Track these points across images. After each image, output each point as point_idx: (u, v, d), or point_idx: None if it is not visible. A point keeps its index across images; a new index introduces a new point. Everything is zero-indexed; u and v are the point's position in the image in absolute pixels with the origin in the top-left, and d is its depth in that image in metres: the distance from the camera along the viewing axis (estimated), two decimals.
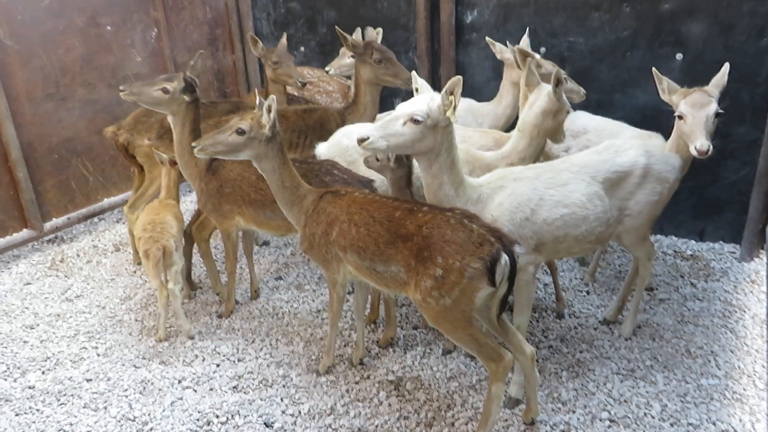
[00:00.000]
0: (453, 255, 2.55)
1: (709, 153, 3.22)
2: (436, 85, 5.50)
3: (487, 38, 4.52)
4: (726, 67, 3.40)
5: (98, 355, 3.74)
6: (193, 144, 3.06)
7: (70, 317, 4.14)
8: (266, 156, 3.01)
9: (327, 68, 5.16)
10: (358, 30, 5.07)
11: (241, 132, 2.95)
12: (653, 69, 3.50)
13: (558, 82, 3.29)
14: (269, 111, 2.93)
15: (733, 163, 4.48)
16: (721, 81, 3.39)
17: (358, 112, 4.43)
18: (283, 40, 4.90)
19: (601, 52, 4.68)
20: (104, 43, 5.37)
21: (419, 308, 2.78)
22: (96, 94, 5.39)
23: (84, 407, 3.29)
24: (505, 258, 2.56)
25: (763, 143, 4.19)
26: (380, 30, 4.93)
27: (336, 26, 4.48)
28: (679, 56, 4.40)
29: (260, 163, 3.06)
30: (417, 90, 3.21)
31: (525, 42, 4.37)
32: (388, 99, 5.45)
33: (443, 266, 2.56)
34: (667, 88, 3.46)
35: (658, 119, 4.58)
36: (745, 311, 3.91)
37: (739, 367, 3.43)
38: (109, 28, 5.37)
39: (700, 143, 3.23)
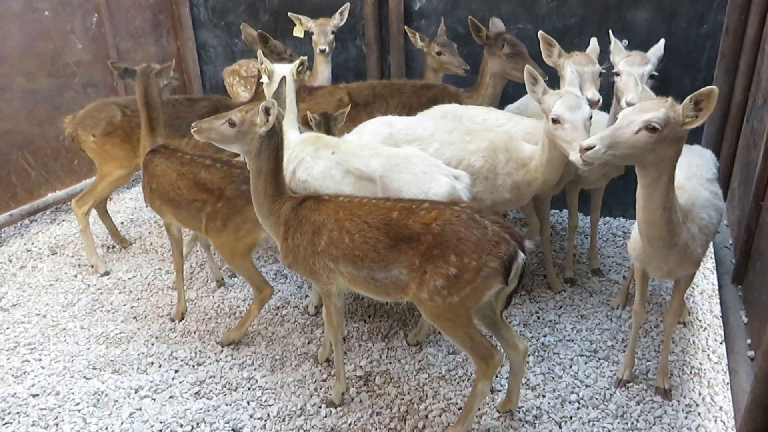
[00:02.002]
0: (469, 254, 2.47)
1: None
2: (385, 74, 5.45)
3: (540, 33, 3.77)
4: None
5: (42, 367, 3.48)
6: (193, 125, 2.90)
7: (8, 328, 3.84)
8: (256, 156, 2.82)
9: (321, 47, 4.85)
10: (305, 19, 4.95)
11: (232, 124, 2.80)
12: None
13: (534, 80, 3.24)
14: (266, 113, 2.73)
15: None
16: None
17: (477, 101, 4.32)
18: (442, 25, 4.75)
19: None
20: (43, 30, 5.02)
21: (419, 306, 2.69)
22: (36, 83, 5.04)
23: (32, 425, 3.05)
24: (522, 256, 2.52)
25: (704, 126, 4.36)
26: (347, 5, 4.87)
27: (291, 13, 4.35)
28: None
29: (248, 161, 2.89)
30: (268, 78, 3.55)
31: (593, 48, 3.90)
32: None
33: (458, 265, 2.48)
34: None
35: (607, 103, 4.70)
36: (693, 288, 4.07)
37: (694, 342, 3.56)
38: (47, 13, 5.02)
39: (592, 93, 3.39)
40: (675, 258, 2.77)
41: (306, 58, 3.75)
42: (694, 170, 3.17)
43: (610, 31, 3.59)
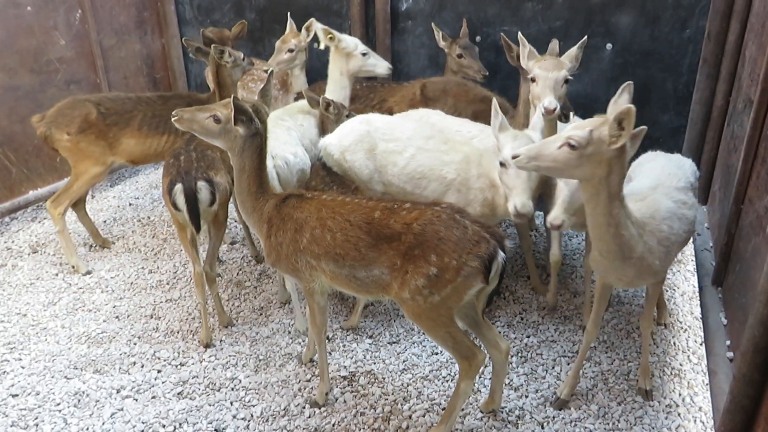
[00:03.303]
0: (449, 253, 2.48)
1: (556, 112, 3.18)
2: None
3: (519, 35, 3.65)
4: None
5: (22, 367, 3.44)
6: (174, 112, 2.86)
7: None
8: (239, 153, 2.83)
9: (265, 67, 4.83)
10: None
11: (217, 120, 2.79)
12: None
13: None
14: (244, 115, 2.74)
15: (658, 150, 4.69)
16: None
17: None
18: (465, 27, 4.73)
19: (535, 42, 4.68)
20: (25, 25, 4.96)
21: (401, 305, 2.70)
22: (17, 79, 4.97)
23: (12, 426, 3.01)
24: (502, 255, 2.54)
25: (686, 130, 4.42)
26: (312, 21, 4.78)
27: (285, 15, 4.32)
28: (609, 46, 4.56)
29: (231, 157, 2.88)
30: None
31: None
32: None
33: (438, 265, 2.49)
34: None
35: (591, 108, 4.74)
36: (674, 290, 4.12)
37: (675, 343, 3.61)
38: (29, 8, 4.96)
39: (548, 101, 3.22)
40: (632, 270, 2.74)
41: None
42: (663, 179, 3.14)
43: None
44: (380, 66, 4.34)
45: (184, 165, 3.52)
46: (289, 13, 4.94)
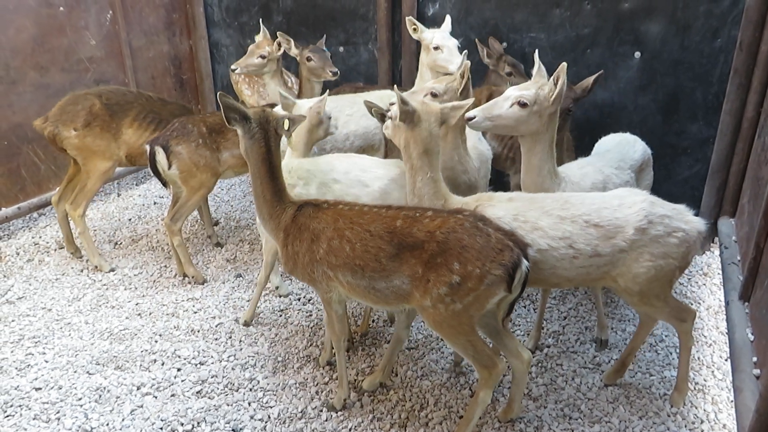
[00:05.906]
0: (472, 261, 2.46)
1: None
2: (396, 78, 5.45)
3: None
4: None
5: (46, 361, 3.50)
6: None
7: (13, 321, 3.86)
8: (246, 155, 2.84)
9: (232, 66, 4.73)
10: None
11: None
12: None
13: None
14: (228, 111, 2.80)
15: (686, 160, 4.63)
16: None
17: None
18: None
19: (562, 49, 4.72)
20: (57, 25, 5.09)
21: (421, 313, 2.68)
22: (48, 77, 5.10)
23: (34, 419, 3.06)
24: (525, 264, 2.51)
25: (715, 141, 4.34)
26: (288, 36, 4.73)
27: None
28: (637, 54, 4.50)
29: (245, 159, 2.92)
30: None
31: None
32: None
33: (461, 273, 2.46)
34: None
35: (617, 116, 4.68)
36: (700, 303, 4.05)
37: (699, 358, 3.53)
38: (62, 8, 5.08)
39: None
40: None
41: None
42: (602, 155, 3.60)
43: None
44: (452, 63, 4.21)
45: (162, 132, 4.08)
46: (261, 20, 5.06)
